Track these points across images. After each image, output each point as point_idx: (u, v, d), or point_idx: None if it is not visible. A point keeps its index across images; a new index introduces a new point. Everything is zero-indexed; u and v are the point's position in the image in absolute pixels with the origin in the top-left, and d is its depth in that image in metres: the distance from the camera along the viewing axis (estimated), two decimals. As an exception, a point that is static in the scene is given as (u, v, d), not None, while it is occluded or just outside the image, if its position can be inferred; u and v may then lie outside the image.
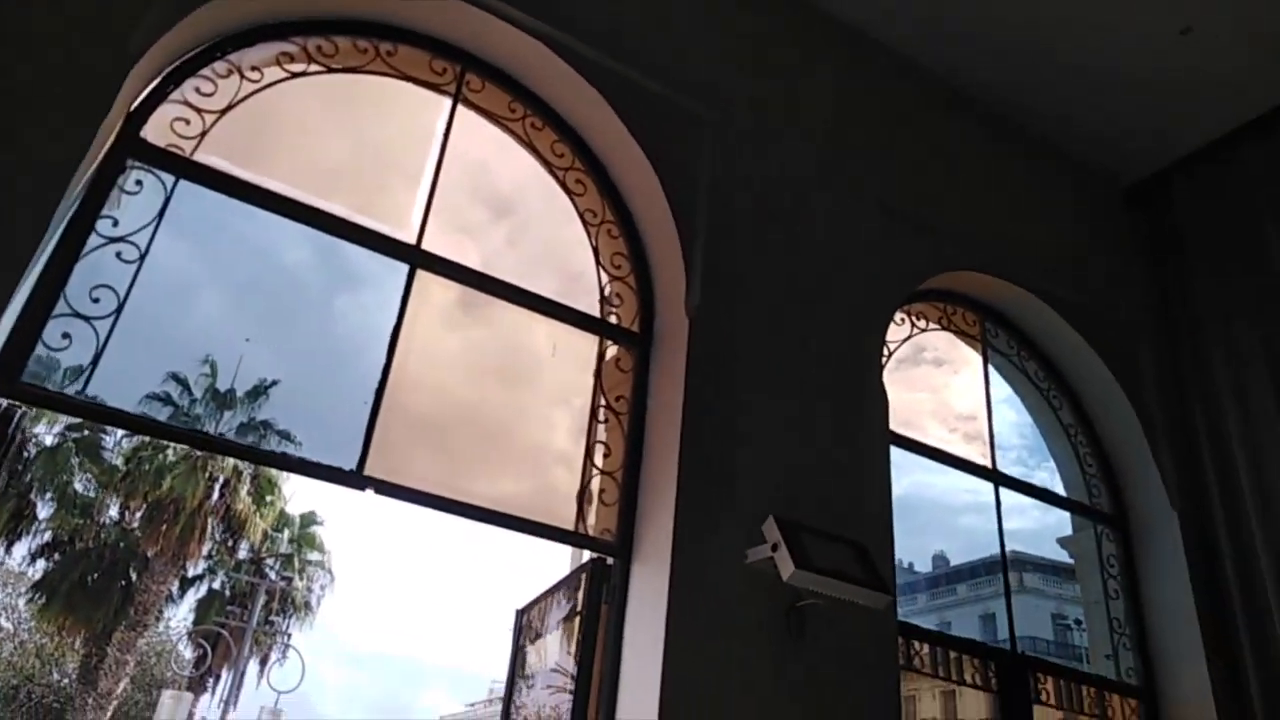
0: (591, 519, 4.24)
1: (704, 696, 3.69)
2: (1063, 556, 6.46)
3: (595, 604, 4.08)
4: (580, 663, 4.07)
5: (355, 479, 3.72)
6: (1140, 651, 5.37)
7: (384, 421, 3.87)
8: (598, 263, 4.66)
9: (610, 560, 4.11)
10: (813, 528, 3.91)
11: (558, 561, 5.47)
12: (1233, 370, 5.51)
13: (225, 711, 20.39)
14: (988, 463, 5.31)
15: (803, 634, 3.92)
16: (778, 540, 3.79)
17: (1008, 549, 5.38)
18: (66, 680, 32.11)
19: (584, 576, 4.17)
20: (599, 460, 4.33)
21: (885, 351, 5.02)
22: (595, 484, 4.28)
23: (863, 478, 4.43)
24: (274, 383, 4.34)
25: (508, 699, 5.13)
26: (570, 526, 4.14)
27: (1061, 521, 5.88)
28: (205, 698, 24.85)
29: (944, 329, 5.62)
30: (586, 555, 4.25)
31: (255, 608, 21.31)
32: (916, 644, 4.65)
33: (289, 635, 25.21)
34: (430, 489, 3.85)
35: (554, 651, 4.83)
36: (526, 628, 4.97)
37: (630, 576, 4.05)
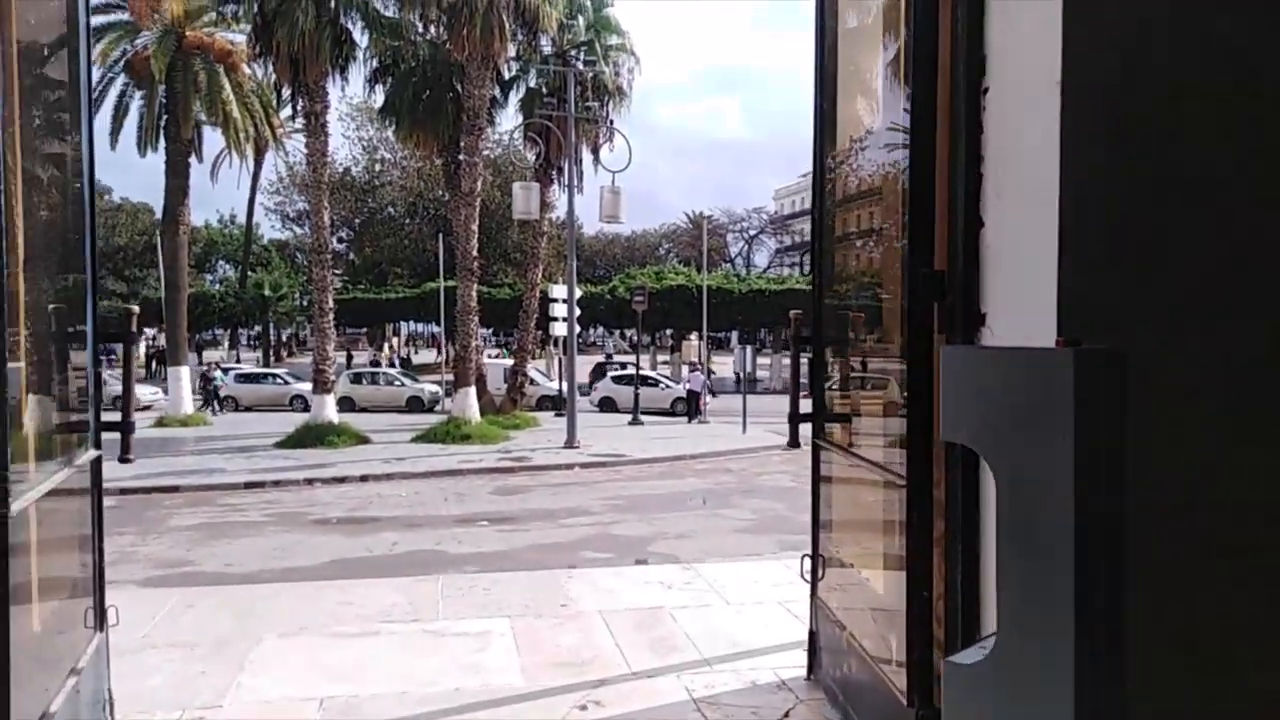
0: None
1: None
2: None
3: None
4: None
5: None
6: None
7: None
8: None
9: None
10: None
11: None
12: None
13: (571, 194, 22.02)
14: None
15: None
16: None
17: None
18: (441, 191, 37.19)
19: None
20: None
21: None
22: None
23: None
24: None
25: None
26: None
27: None
28: (553, 188, 27.11)
29: None
30: None
31: (570, 96, 21.61)
32: None
33: (610, 121, 25.86)
34: None
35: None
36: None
37: None
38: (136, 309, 3.71)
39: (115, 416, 3.63)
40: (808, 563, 4.28)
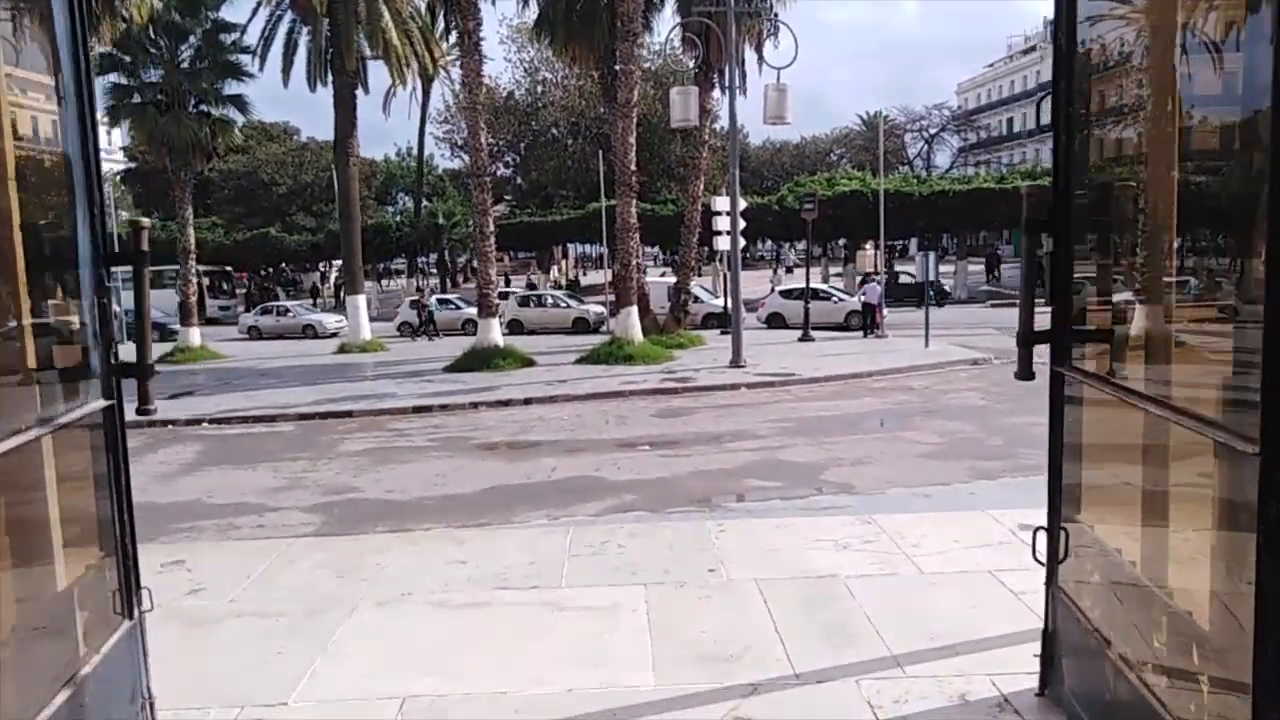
0: None
1: None
2: None
3: None
4: None
5: None
6: None
7: None
8: None
9: None
10: None
11: None
12: None
13: (732, 94, 20.38)
14: None
15: None
16: None
17: None
18: (602, 108, 36.21)
19: None
20: None
21: None
22: None
23: None
24: None
25: None
26: None
27: None
28: (714, 94, 25.47)
29: None
30: None
31: (729, -13, 19.80)
32: None
33: (775, 14, 23.79)
34: None
35: None
36: None
37: None
38: (147, 223, 2.94)
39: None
40: (1040, 537, 3.04)
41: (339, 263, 53.46)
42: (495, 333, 22.00)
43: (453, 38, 23.82)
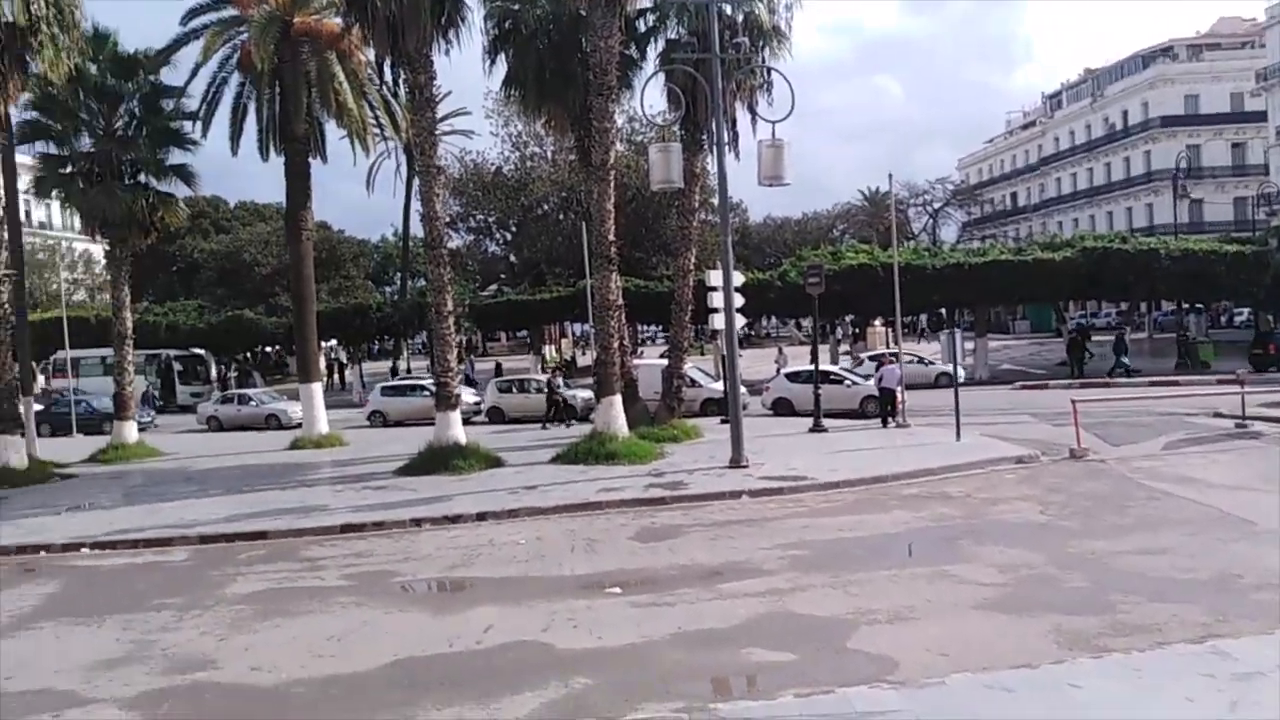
0: None
1: None
2: None
3: None
4: None
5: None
6: None
7: None
8: None
9: None
10: None
11: None
12: None
13: (720, 152, 17.78)
14: None
15: None
16: None
17: None
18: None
19: None
20: None
21: None
22: None
23: None
24: None
25: None
26: None
27: None
28: (703, 156, 22.97)
29: None
30: None
31: (714, 34, 17.38)
32: None
33: (767, 69, 21.42)
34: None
35: None
36: None
37: None
38: None
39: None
40: None
41: (330, 343, 50.80)
42: (456, 428, 18.94)
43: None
